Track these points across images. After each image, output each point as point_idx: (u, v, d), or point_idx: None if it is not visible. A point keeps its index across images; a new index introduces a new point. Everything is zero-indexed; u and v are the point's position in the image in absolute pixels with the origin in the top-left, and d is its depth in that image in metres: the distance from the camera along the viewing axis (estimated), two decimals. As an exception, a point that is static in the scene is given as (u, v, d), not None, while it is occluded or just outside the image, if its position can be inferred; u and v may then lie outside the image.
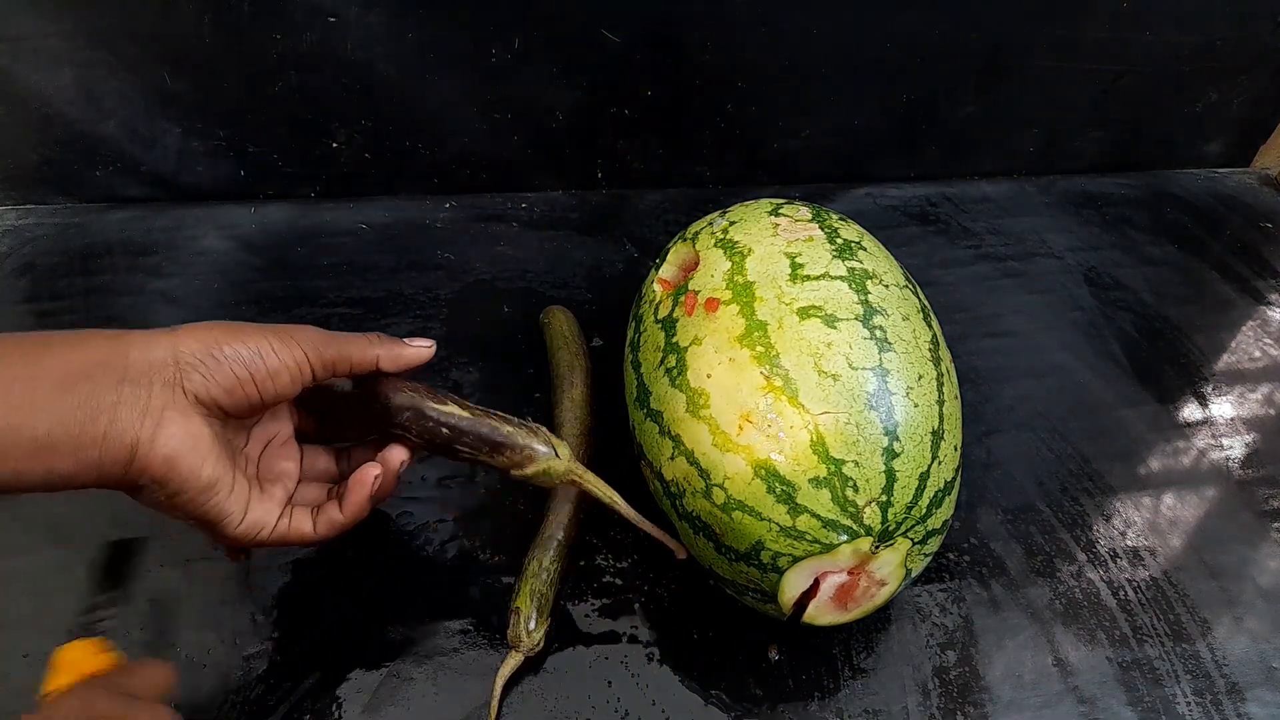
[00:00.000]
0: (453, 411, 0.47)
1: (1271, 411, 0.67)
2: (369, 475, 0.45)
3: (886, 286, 0.47)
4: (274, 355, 0.41)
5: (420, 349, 0.47)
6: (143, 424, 0.36)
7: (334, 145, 0.77)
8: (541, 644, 0.48)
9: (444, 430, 0.46)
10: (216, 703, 0.46)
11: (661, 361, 0.47)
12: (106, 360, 0.36)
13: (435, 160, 0.80)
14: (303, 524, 0.44)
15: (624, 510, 0.48)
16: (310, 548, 0.44)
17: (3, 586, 0.50)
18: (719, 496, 0.42)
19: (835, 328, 0.43)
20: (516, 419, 0.48)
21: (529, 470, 0.47)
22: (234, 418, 0.41)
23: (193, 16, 0.67)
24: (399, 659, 0.48)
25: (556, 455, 0.48)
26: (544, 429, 0.49)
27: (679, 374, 0.45)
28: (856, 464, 0.40)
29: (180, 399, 0.38)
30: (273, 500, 0.43)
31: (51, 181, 0.76)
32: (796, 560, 0.41)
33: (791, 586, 0.42)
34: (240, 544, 0.42)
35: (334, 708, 0.46)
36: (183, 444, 0.37)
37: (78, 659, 0.38)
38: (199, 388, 0.38)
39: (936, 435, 0.42)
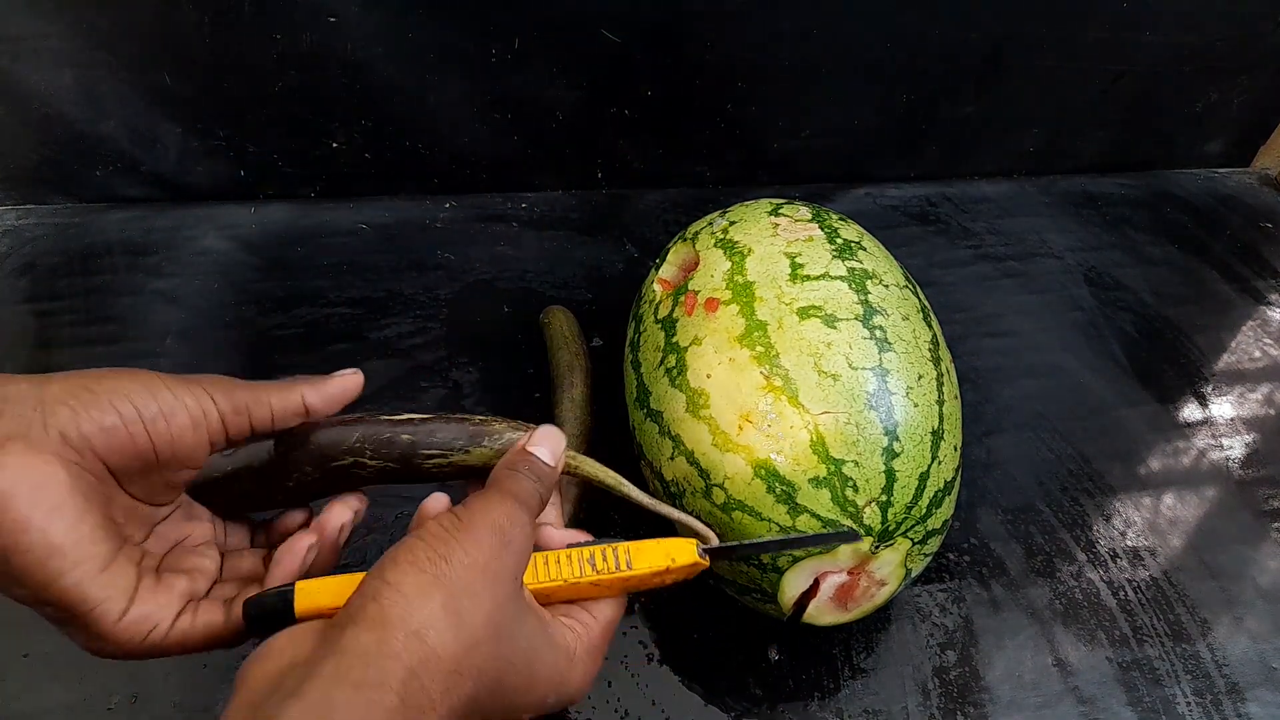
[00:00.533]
0: (411, 416, 0.40)
1: (1271, 411, 0.67)
2: (300, 545, 0.36)
3: (886, 286, 0.47)
4: (167, 393, 0.32)
5: (346, 377, 0.38)
6: None
7: (334, 145, 0.77)
8: None
9: (404, 437, 0.39)
10: (215, 704, 0.45)
11: (661, 361, 0.47)
12: None
13: (435, 160, 0.80)
14: (213, 616, 0.33)
15: (634, 495, 0.42)
16: (225, 648, 0.34)
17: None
18: (719, 496, 0.42)
19: (835, 328, 0.43)
20: (484, 416, 0.42)
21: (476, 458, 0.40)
22: (121, 476, 0.32)
23: (193, 16, 0.67)
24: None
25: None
26: (522, 423, 0.42)
27: (679, 374, 0.45)
28: (856, 464, 0.40)
29: (37, 432, 0.29)
30: (171, 592, 0.33)
31: (51, 181, 0.76)
32: (796, 560, 0.41)
33: (792, 586, 0.42)
34: (124, 650, 0.31)
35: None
36: (19, 484, 0.28)
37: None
38: (65, 423, 0.30)
39: (936, 435, 0.42)
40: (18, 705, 0.45)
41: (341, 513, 0.38)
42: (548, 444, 0.38)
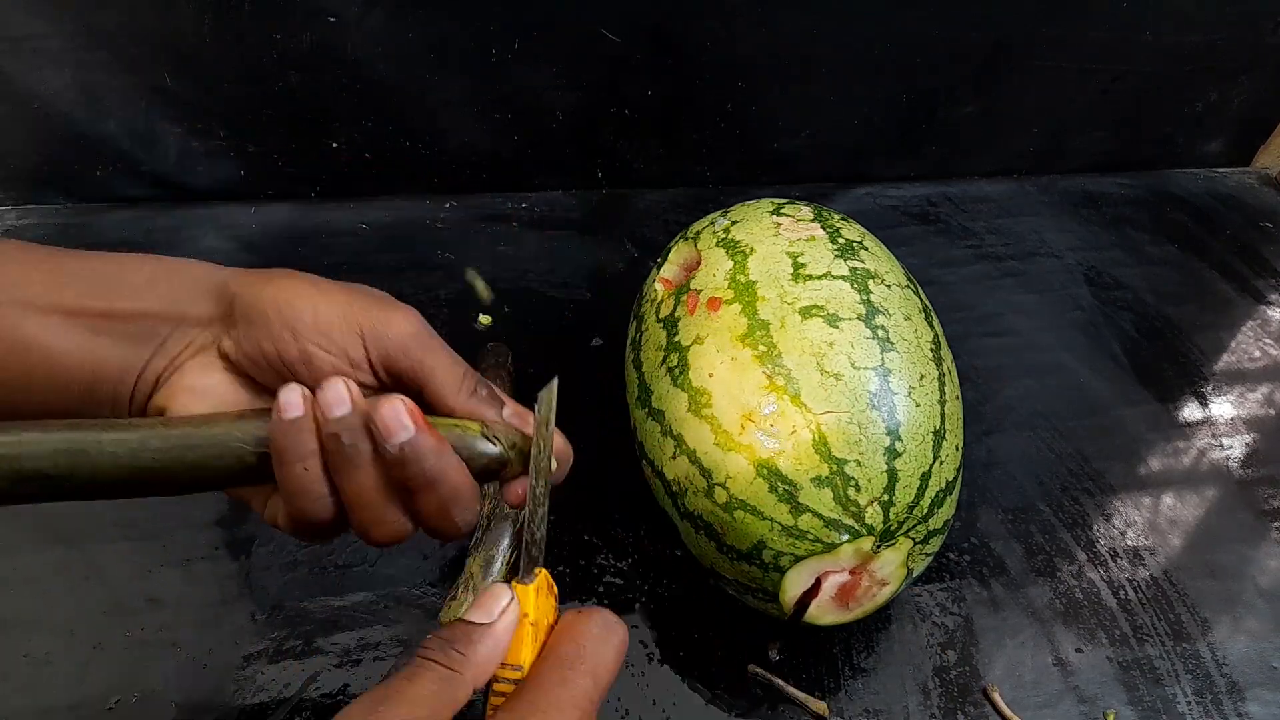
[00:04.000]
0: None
1: (1271, 411, 0.67)
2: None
3: (888, 286, 0.47)
4: (327, 355, 0.34)
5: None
6: (164, 367, 0.34)
7: (334, 145, 0.77)
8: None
9: None
10: (217, 703, 0.45)
11: (663, 361, 0.47)
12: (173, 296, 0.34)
13: (435, 160, 0.80)
14: None
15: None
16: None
17: (3, 586, 0.50)
18: (721, 496, 0.42)
19: (837, 327, 0.43)
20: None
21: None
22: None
23: (193, 16, 0.67)
24: (402, 658, 0.48)
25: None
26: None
27: (681, 373, 0.45)
28: (858, 463, 0.40)
29: (212, 354, 0.34)
30: None
31: (52, 182, 0.76)
32: (798, 560, 0.41)
33: (793, 586, 0.42)
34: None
35: (334, 708, 0.46)
36: (191, 401, 0.33)
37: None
38: (230, 349, 0.34)
39: (938, 435, 0.42)
40: (18, 705, 0.45)
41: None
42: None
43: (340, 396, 0.32)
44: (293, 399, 0.31)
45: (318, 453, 0.32)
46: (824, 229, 0.50)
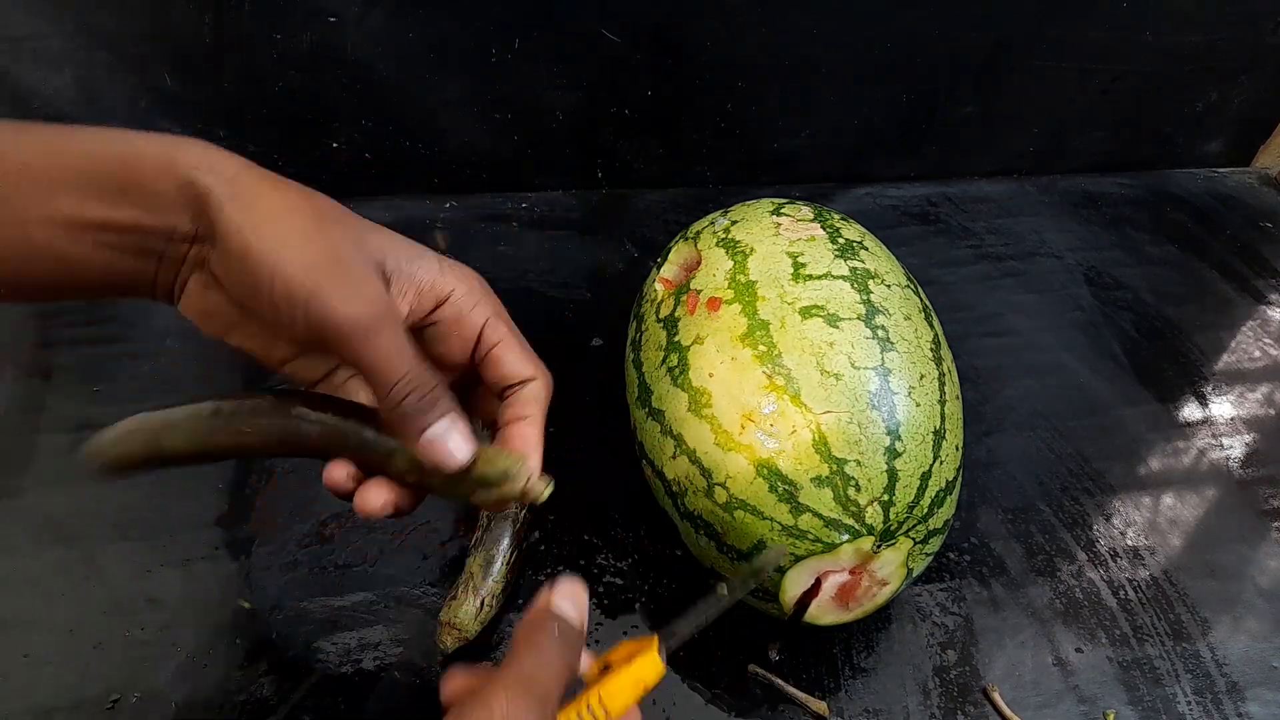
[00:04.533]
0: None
1: (1271, 411, 0.67)
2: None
3: (888, 286, 0.47)
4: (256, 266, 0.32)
5: (437, 450, 0.33)
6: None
7: (334, 145, 0.77)
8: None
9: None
10: (217, 703, 0.45)
11: (663, 360, 0.47)
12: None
13: (435, 160, 0.80)
14: None
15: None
16: None
17: (3, 586, 0.50)
18: (721, 496, 0.42)
19: (837, 327, 0.43)
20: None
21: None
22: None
23: (193, 16, 0.67)
24: (401, 659, 0.48)
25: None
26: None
27: (681, 373, 0.45)
28: (859, 463, 0.40)
29: (206, 272, 0.34)
30: None
31: (51, 181, 0.76)
32: (798, 559, 0.41)
33: (793, 586, 0.42)
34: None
35: (334, 708, 0.46)
36: (209, 325, 0.35)
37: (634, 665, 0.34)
38: (216, 271, 0.34)
39: (938, 435, 0.42)
40: (18, 705, 0.45)
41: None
42: (571, 598, 0.34)
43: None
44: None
45: None
46: (824, 229, 0.50)
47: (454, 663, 0.48)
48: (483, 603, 0.47)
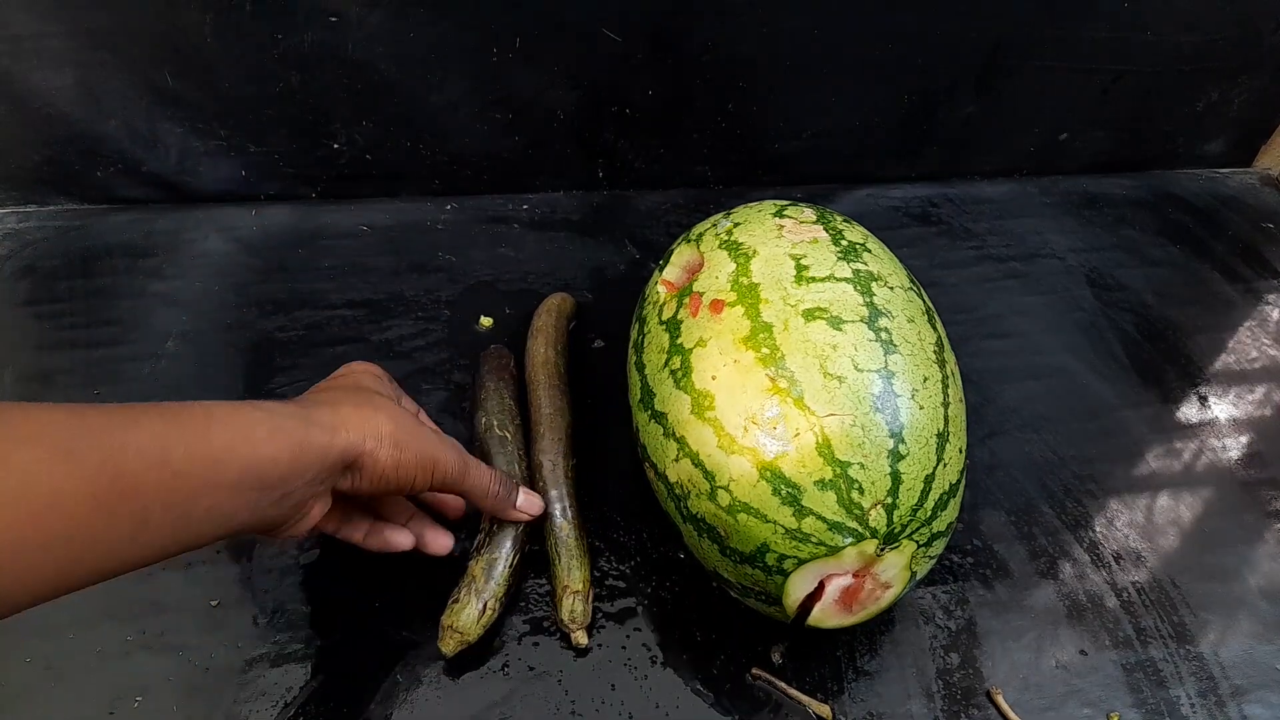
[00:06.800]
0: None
1: (1274, 412, 0.67)
2: (399, 545, 0.49)
3: (892, 289, 0.46)
4: (404, 475, 0.43)
5: (524, 513, 0.50)
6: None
7: (335, 146, 0.77)
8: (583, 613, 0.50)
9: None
10: (218, 707, 0.45)
11: (666, 363, 0.47)
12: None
13: (436, 161, 0.80)
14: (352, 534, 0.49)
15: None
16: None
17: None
18: (724, 499, 0.42)
19: (841, 330, 0.43)
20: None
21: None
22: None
23: (194, 16, 0.67)
24: (402, 662, 0.48)
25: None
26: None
27: (684, 376, 0.45)
28: (862, 466, 0.40)
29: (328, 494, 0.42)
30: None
31: (52, 182, 0.76)
32: (802, 563, 0.41)
33: (796, 589, 0.42)
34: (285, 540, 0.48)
35: (336, 711, 0.46)
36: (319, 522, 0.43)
37: None
38: (345, 487, 0.42)
39: (941, 438, 0.42)
40: (19, 711, 0.45)
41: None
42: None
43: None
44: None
45: None
46: (827, 231, 0.50)
47: (456, 667, 0.48)
48: (485, 606, 0.47)
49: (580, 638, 0.48)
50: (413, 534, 0.50)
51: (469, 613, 0.47)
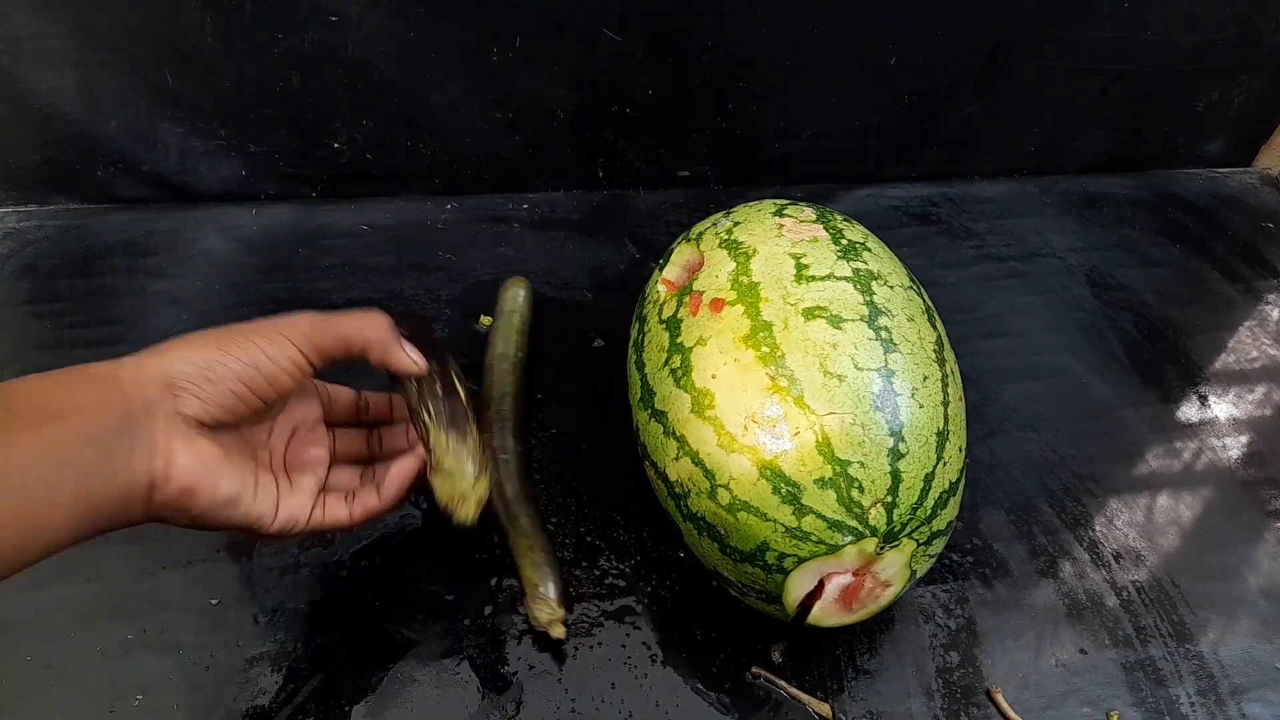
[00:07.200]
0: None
1: (1274, 412, 0.67)
2: (409, 469, 0.46)
3: (891, 288, 0.46)
4: (268, 362, 0.40)
5: (412, 363, 0.46)
6: (153, 463, 0.36)
7: (335, 145, 0.77)
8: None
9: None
10: (219, 706, 0.45)
11: (666, 362, 0.47)
12: (104, 402, 0.36)
13: (436, 161, 0.80)
14: (338, 512, 0.45)
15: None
16: (347, 532, 0.50)
17: (4, 589, 0.49)
18: (724, 497, 0.42)
19: (841, 328, 0.43)
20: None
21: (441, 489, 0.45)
22: (243, 422, 0.41)
23: (194, 16, 0.67)
24: (402, 661, 0.48)
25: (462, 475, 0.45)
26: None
27: (684, 374, 0.45)
28: (862, 465, 0.40)
29: (181, 427, 0.37)
30: (303, 492, 0.44)
31: (53, 182, 0.76)
32: (801, 561, 0.41)
33: (796, 588, 0.42)
34: (278, 539, 0.44)
35: (337, 710, 0.46)
36: (194, 471, 0.37)
37: None
38: (198, 411, 0.38)
39: (941, 436, 0.42)
40: (20, 709, 0.45)
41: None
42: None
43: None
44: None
45: None
46: (826, 230, 0.50)
47: (456, 667, 0.48)
48: (471, 459, 0.46)
49: (556, 631, 0.48)
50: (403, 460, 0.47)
51: (463, 468, 0.45)
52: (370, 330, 0.44)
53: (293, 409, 0.46)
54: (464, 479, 0.45)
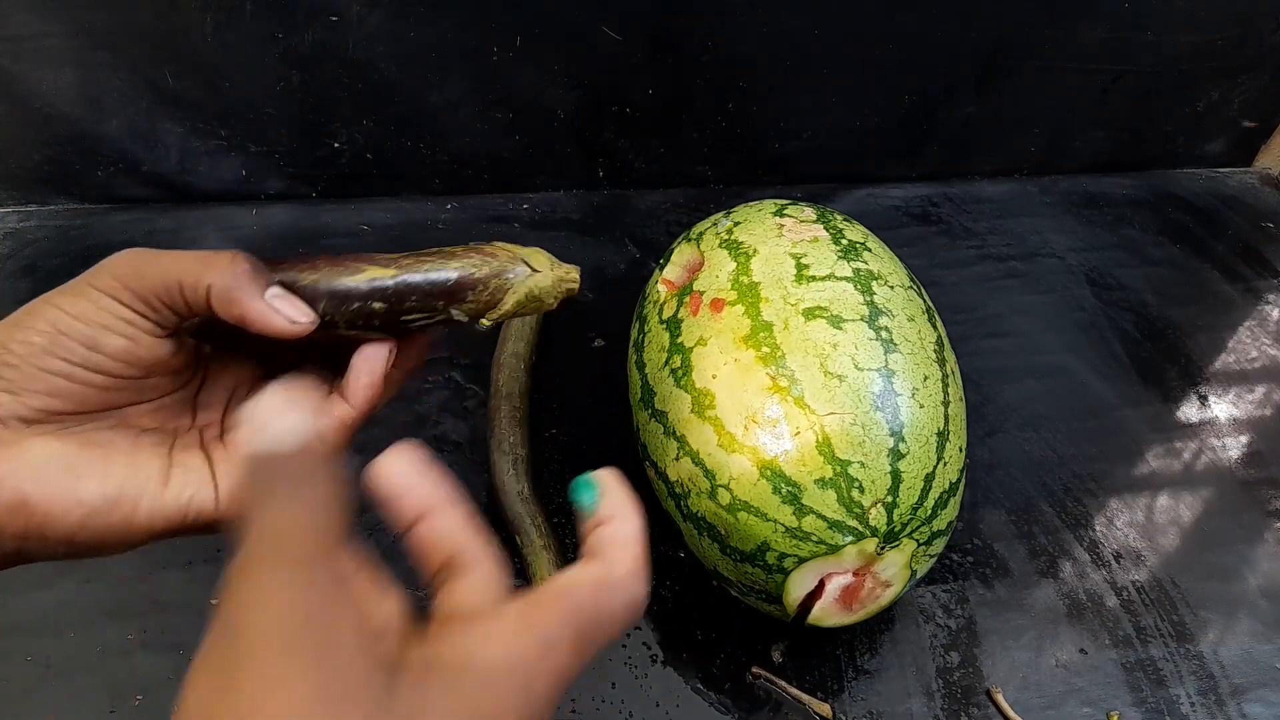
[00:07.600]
0: (375, 275, 0.36)
1: (1274, 412, 0.67)
2: (380, 351, 0.36)
3: (892, 288, 0.47)
4: (76, 324, 0.30)
5: (281, 319, 0.33)
6: None
7: (335, 145, 0.77)
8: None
9: (376, 305, 0.36)
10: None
11: (666, 362, 0.47)
12: None
13: (436, 161, 0.80)
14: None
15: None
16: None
17: (5, 589, 0.50)
18: (724, 497, 0.42)
19: (841, 329, 0.43)
20: (463, 246, 0.37)
21: (509, 304, 0.36)
22: (99, 411, 0.32)
23: (194, 16, 0.67)
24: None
25: (533, 269, 0.36)
26: (504, 245, 0.37)
27: (684, 374, 0.45)
28: (862, 465, 0.40)
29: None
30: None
31: (53, 182, 0.76)
32: (802, 561, 0.41)
33: (797, 588, 0.42)
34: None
35: (338, 710, 0.46)
36: (22, 477, 0.29)
37: None
38: (12, 406, 0.29)
39: (942, 436, 0.42)
40: (20, 709, 0.45)
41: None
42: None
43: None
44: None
45: None
46: (827, 230, 0.50)
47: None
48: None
49: None
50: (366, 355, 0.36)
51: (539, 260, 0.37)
52: (211, 272, 0.32)
53: (215, 380, 0.36)
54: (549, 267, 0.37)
